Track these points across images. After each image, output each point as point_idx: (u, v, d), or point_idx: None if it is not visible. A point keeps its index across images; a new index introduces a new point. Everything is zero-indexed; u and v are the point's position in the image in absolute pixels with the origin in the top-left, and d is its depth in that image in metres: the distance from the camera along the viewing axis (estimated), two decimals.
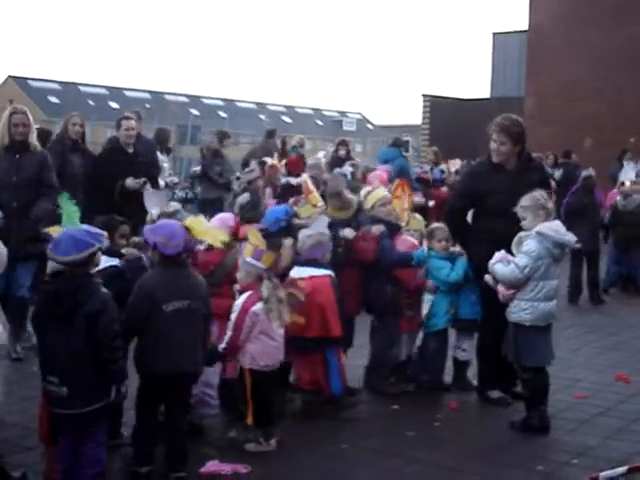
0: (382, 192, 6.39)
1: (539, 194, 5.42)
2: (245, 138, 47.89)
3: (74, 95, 52.08)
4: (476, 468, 4.79)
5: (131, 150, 8.07)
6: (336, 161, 12.06)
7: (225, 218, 5.74)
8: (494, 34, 28.81)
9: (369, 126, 65.78)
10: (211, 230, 4.85)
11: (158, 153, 10.49)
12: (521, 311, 5.36)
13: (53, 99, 51.32)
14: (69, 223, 4.26)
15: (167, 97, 57.69)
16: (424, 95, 27.19)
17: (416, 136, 29.69)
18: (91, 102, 51.29)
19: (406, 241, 6.25)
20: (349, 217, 6.23)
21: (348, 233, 5.99)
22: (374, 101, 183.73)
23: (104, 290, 4.11)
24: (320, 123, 64.92)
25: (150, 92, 57.64)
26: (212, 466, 4.66)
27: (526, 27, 24.92)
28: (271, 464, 4.79)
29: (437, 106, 27.03)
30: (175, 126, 32.96)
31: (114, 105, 49.27)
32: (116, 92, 55.33)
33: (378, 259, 6.01)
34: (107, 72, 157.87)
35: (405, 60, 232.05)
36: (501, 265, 5.38)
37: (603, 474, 4.48)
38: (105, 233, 4.36)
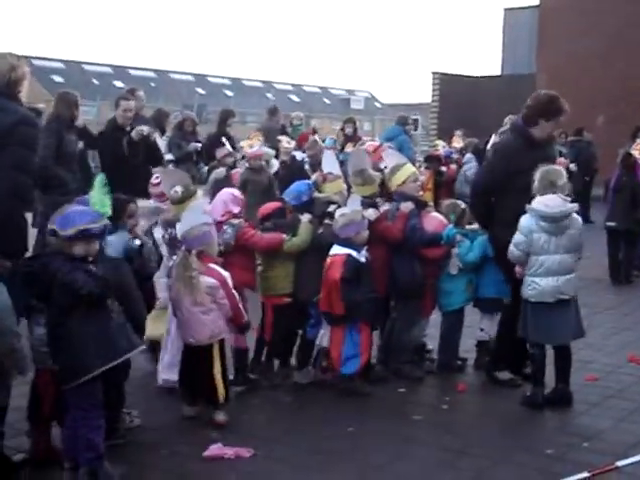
0: (412, 168, 6.24)
1: (552, 169, 5.31)
2: (252, 117, 47.62)
3: (78, 74, 51.77)
4: (484, 451, 4.69)
5: (129, 129, 7.93)
6: (345, 139, 11.96)
7: (229, 193, 5.80)
8: (505, 10, 28.43)
9: (377, 104, 65.33)
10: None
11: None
12: (526, 287, 5.33)
13: (57, 78, 50.94)
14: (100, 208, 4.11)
15: (172, 76, 57.34)
16: (434, 73, 26.85)
17: (425, 114, 29.39)
18: (95, 81, 51.02)
19: (434, 219, 6.07)
20: (373, 193, 6.04)
21: (371, 213, 5.80)
22: (383, 79, 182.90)
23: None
24: (328, 102, 64.51)
25: (155, 71, 57.24)
26: (215, 450, 4.61)
27: (537, 2, 24.59)
28: (274, 446, 4.71)
29: (447, 84, 26.70)
30: (181, 105, 32.81)
31: (119, 84, 48.92)
32: (121, 71, 54.88)
33: (407, 239, 5.83)
34: (111, 50, 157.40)
35: (414, 37, 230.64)
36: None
37: (621, 463, 4.35)
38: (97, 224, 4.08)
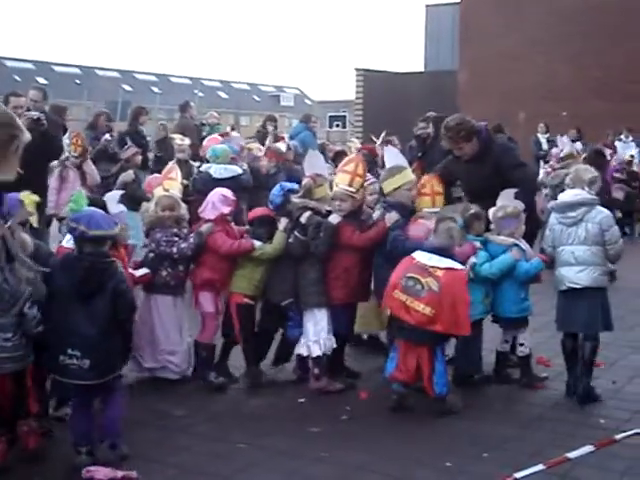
0: (408, 177, 5.85)
1: (583, 167, 5.76)
2: (179, 114, 46.73)
3: None
4: (383, 466, 4.44)
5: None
6: (263, 137, 11.75)
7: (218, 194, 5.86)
8: (427, 6, 28.52)
9: (307, 101, 65.19)
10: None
11: None
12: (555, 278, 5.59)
13: None
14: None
15: (98, 72, 56.05)
16: (357, 69, 26.76)
17: (353, 111, 29.30)
18: (17, 78, 49.50)
19: (421, 225, 5.72)
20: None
21: (334, 219, 5.60)
22: (312, 76, 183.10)
23: (121, 269, 4.48)
24: (257, 99, 64.07)
25: (80, 67, 55.92)
26: (94, 472, 4.23)
27: None
28: (159, 468, 4.37)
29: (371, 80, 26.67)
30: (104, 102, 32.01)
31: (42, 81, 47.59)
32: (44, 67, 53.42)
33: (390, 250, 5.52)
34: (34, 46, 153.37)
35: (342, 34, 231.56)
36: None
37: (519, 474, 4.15)
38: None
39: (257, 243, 5.71)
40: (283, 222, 5.72)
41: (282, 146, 9.55)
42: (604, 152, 11.19)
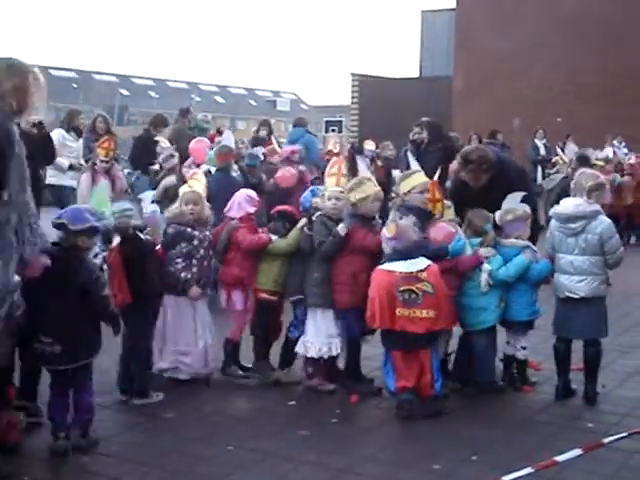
0: (423, 178, 5.80)
1: (586, 173, 5.66)
2: (179, 118, 46.71)
3: None
4: (371, 469, 4.43)
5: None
6: (257, 141, 11.74)
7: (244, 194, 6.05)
8: (422, 12, 28.56)
9: (303, 106, 65.25)
10: None
11: (64, 133, 10.04)
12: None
13: None
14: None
15: (95, 76, 56.03)
16: (353, 74, 26.78)
17: (349, 116, 29.33)
18: None
19: (442, 229, 5.63)
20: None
21: (341, 229, 5.57)
22: (309, 81, 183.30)
23: (91, 259, 4.77)
24: (254, 103, 64.13)
25: (77, 71, 55.89)
26: None
27: (454, 5, 24.76)
28: (147, 470, 4.36)
29: (366, 85, 26.70)
30: (101, 106, 31.99)
31: None
32: (41, 71, 53.30)
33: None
34: (31, 50, 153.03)
35: (338, 40, 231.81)
36: None
37: (506, 478, 4.16)
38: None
39: (273, 237, 5.84)
40: (303, 220, 5.84)
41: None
42: (588, 157, 11.13)
